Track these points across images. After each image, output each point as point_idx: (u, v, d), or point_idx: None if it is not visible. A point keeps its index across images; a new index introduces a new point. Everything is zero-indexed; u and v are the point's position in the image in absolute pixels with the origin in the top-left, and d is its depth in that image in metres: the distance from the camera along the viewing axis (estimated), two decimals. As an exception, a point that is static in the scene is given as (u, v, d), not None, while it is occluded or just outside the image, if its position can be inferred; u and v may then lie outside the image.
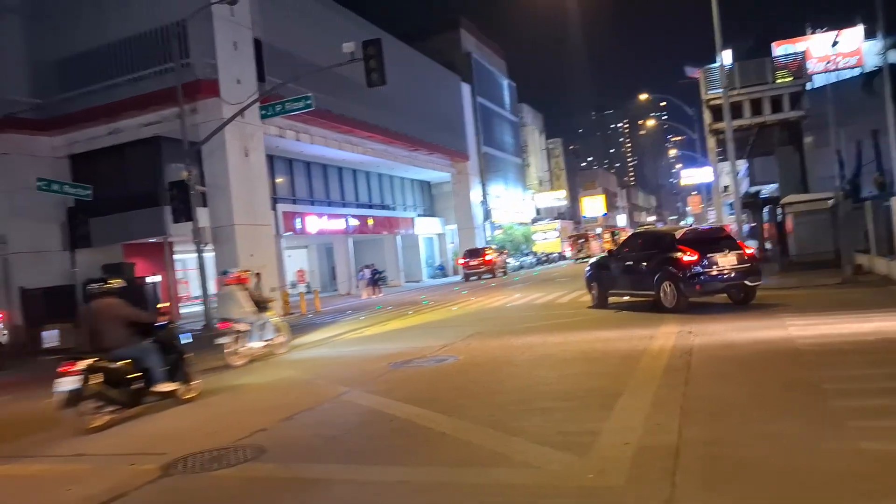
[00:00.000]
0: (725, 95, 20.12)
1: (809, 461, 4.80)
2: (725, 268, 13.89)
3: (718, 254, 13.95)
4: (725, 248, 14.15)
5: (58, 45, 25.03)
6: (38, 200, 22.93)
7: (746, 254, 14.41)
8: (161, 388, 9.13)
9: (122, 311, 9.14)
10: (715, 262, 13.88)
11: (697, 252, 13.88)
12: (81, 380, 8.18)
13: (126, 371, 8.80)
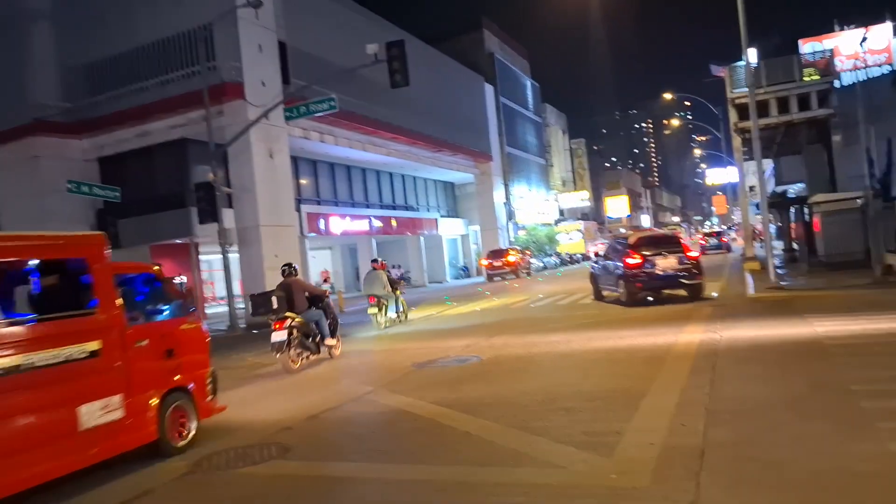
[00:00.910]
0: (751, 94, 19.86)
1: (837, 463, 4.75)
2: (665, 269, 16.21)
3: (659, 257, 16.28)
4: (667, 252, 16.42)
5: (87, 50, 25.46)
6: (68, 203, 23.34)
7: (688, 256, 16.61)
8: (328, 342, 12.72)
9: (305, 285, 13.29)
10: (655, 264, 16.22)
11: (641, 256, 16.35)
12: (288, 333, 11.62)
13: (310, 328, 12.31)
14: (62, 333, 5.80)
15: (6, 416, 5.23)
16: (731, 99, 27.59)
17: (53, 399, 5.60)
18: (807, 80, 26.67)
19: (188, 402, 7.10)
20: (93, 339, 6.03)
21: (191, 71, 23.50)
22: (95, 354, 6.03)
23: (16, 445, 5.23)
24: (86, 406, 5.82)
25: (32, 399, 5.45)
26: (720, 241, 47.43)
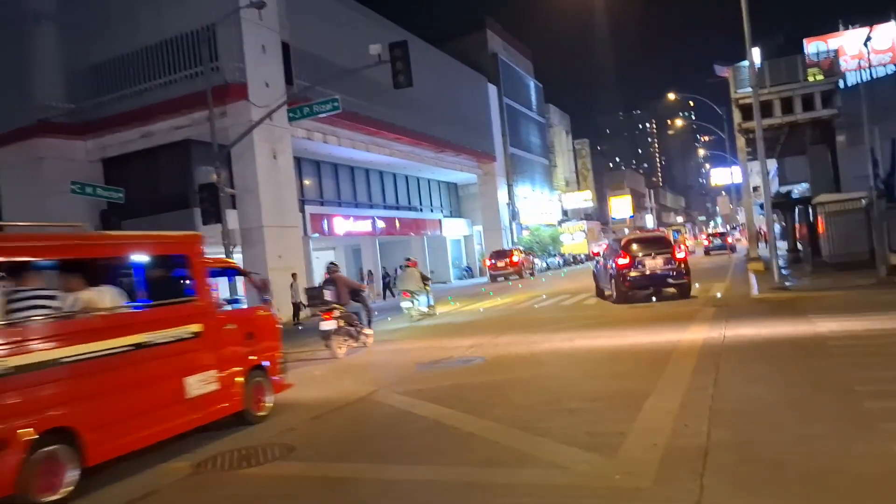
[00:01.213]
0: (755, 94, 19.83)
1: (840, 464, 4.74)
2: (653, 269, 17.16)
3: (648, 258, 17.20)
4: (656, 253, 17.32)
5: (91, 51, 25.54)
6: (72, 204, 23.37)
7: (675, 258, 17.47)
8: (365, 332, 14.32)
9: (348, 281, 15.04)
10: (643, 264, 17.19)
11: (630, 256, 17.30)
12: (335, 322, 13.20)
13: (352, 318, 13.91)
14: (173, 317, 7.10)
15: (138, 383, 6.44)
16: (734, 99, 27.58)
17: (168, 371, 6.84)
18: (811, 80, 26.65)
19: (265, 378, 8.31)
20: (195, 323, 7.27)
21: (194, 72, 23.56)
22: (197, 335, 7.26)
23: (145, 407, 6.49)
24: (190, 378, 7.04)
25: (154, 370, 6.67)
26: (724, 242, 47.36)
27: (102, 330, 6.23)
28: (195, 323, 7.25)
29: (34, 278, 6.07)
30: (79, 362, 5.87)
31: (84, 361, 5.92)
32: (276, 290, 20.97)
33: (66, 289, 6.32)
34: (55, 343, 5.72)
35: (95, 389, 6.01)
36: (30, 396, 5.42)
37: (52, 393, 5.61)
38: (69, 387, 5.76)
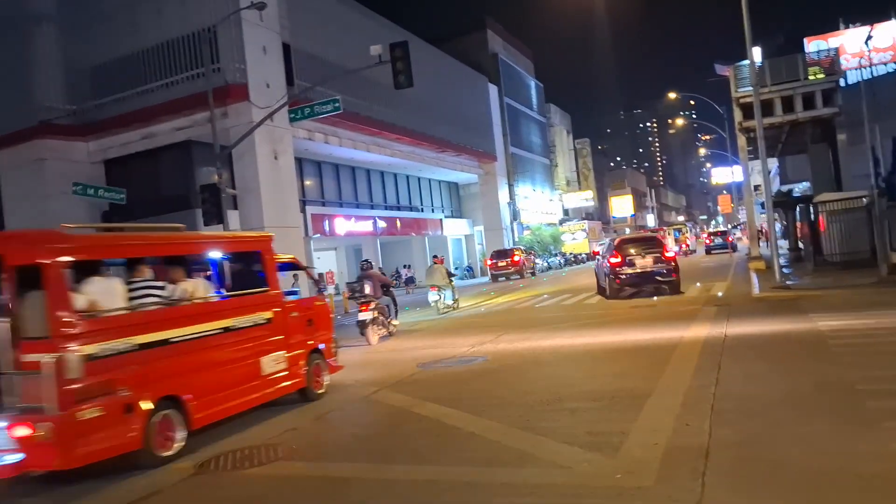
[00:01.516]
0: (756, 93, 19.83)
1: (842, 463, 4.75)
2: (643, 267, 18.35)
3: (638, 257, 18.42)
4: (646, 252, 18.53)
5: (92, 53, 25.54)
6: (74, 205, 23.41)
7: (665, 256, 18.70)
8: (393, 321, 15.99)
9: (380, 277, 16.97)
10: (633, 262, 18.41)
11: (621, 255, 18.54)
12: (371, 313, 14.87)
13: (384, 310, 15.58)
14: (250, 305, 8.26)
15: (226, 361, 7.59)
16: (735, 98, 27.58)
17: (248, 351, 7.98)
18: (811, 78, 26.64)
19: (322, 360, 9.45)
20: (267, 310, 8.43)
21: (195, 73, 23.56)
22: (269, 321, 8.41)
23: (232, 381, 7.61)
24: (264, 357, 8.19)
25: (237, 350, 7.83)
26: (725, 241, 47.32)
27: (199, 315, 7.41)
28: (267, 310, 8.45)
29: (145, 271, 7.30)
30: (181, 342, 7.04)
31: (185, 342, 7.09)
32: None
33: (170, 280, 7.47)
34: (164, 325, 6.88)
35: (194, 365, 7.15)
36: (148, 369, 6.53)
37: (163, 367, 6.71)
38: (175, 362, 6.89)
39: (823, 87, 26.59)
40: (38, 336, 5.85)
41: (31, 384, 5.70)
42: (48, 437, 5.60)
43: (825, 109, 26.59)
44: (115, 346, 6.25)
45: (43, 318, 5.87)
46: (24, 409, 5.75)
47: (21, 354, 5.83)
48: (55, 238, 6.28)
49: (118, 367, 6.21)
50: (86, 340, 5.96)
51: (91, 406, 5.87)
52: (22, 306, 5.99)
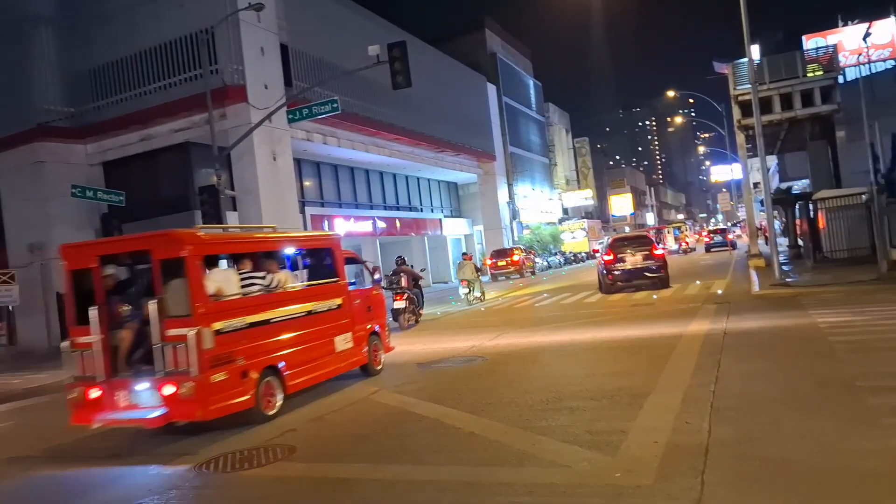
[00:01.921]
0: (754, 90, 19.81)
1: (842, 460, 4.74)
2: (633, 264, 20.12)
3: (629, 255, 20.21)
4: (636, 251, 20.28)
5: (90, 55, 25.51)
6: (73, 207, 23.40)
7: (654, 254, 20.35)
8: (420, 311, 18.88)
9: (412, 271, 19.82)
10: (624, 260, 20.22)
11: (613, 253, 20.39)
12: (404, 302, 17.80)
13: (415, 300, 18.46)
14: (326, 293, 9.92)
15: (309, 338, 9.18)
16: (734, 96, 27.55)
17: (325, 331, 9.59)
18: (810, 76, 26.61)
19: (379, 341, 11.16)
20: (338, 297, 10.13)
21: (193, 74, 23.52)
22: (339, 307, 10.08)
23: (314, 355, 9.24)
24: (337, 337, 9.85)
25: (318, 329, 9.43)
26: (725, 239, 47.33)
27: (289, 300, 9.02)
28: (338, 298, 10.13)
29: (248, 263, 8.75)
30: (277, 322, 8.60)
31: (280, 322, 8.65)
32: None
33: (268, 271, 8.91)
34: (265, 308, 8.46)
35: (287, 341, 8.71)
36: (255, 343, 8.10)
37: (265, 342, 8.29)
38: (273, 338, 8.48)
39: (822, 84, 26.57)
40: (180, 315, 7.39)
41: (176, 352, 7.30)
42: (189, 393, 7.17)
43: (824, 106, 26.57)
44: (234, 324, 7.87)
45: (184, 301, 7.41)
46: (168, 373, 7.30)
47: (166, 329, 7.37)
48: (193, 237, 7.86)
49: (236, 341, 7.80)
50: (215, 318, 7.56)
51: (220, 371, 7.46)
52: (166, 291, 7.51)
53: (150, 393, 7.41)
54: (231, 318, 7.85)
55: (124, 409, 7.56)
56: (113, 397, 7.61)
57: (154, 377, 7.39)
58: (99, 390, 7.61)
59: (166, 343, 7.36)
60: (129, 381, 7.62)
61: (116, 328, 7.88)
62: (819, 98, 26.54)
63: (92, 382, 7.64)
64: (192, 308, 7.37)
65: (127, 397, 7.58)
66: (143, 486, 6.00)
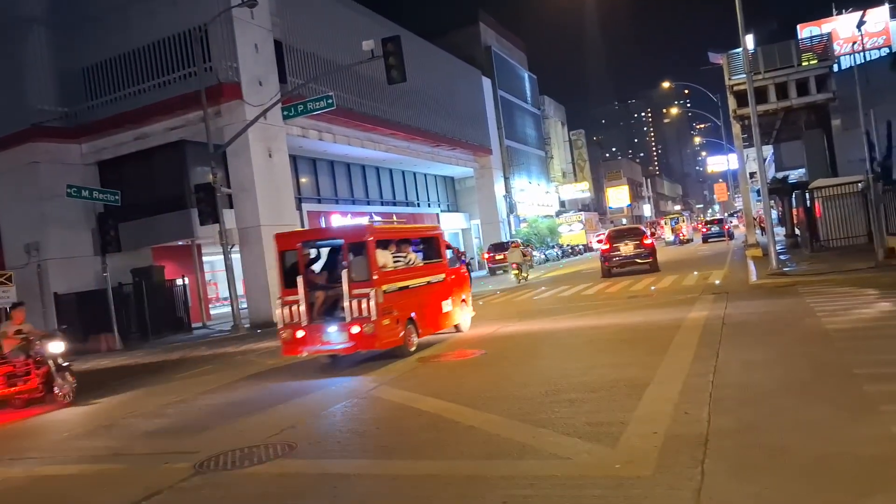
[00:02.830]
0: (749, 80, 19.78)
1: (841, 447, 4.75)
2: (626, 253, 23.78)
3: (622, 244, 24.01)
4: (629, 241, 24.03)
5: (83, 54, 25.43)
6: (69, 207, 23.37)
7: (644, 244, 23.92)
8: None
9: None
10: (619, 249, 23.95)
11: (610, 243, 24.60)
12: None
13: None
14: (435, 269, 13.42)
15: (428, 301, 12.69)
16: (729, 86, 27.53)
17: (436, 297, 13.14)
18: (805, 65, 26.60)
19: (466, 308, 14.63)
20: (442, 273, 13.65)
21: (187, 72, 23.46)
22: (443, 280, 13.56)
23: (431, 313, 12.74)
24: (443, 301, 13.35)
25: (432, 295, 12.97)
26: (721, 229, 47.38)
27: (418, 273, 12.59)
28: (442, 273, 13.69)
29: (393, 247, 12.11)
30: (412, 288, 12.12)
31: (413, 287, 12.17)
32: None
33: (405, 252, 12.40)
34: (405, 278, 12.01)
35: (417, 301, 12.20)
36: (402, 301, 11.58)
37: (406, 300, 11.78)
38: (411, 298, 11.96)
39: (817, 72, 26.56)
40: (362, 280, 10.93)
41: (360, 304, 10.74)
42: (370, 331, 10.68)
43: (819, 95, 26.58)
44: (392, 287, 11.37)
45: (366, 270, 10.99)
46: (354, 318, 10.76)
47: (353, 290, 10.83)
48: (371, 229, 11.68)
49: (393, 299, 11.23)
50: (382, 283, 11.02)
51: (386, 317, 10.94)
52: (352, 265, 11.12)
53: (339, 333, 10.99)
54: (390, 283, 11.34)
55: (321, 343, 11.20)
56: (313, 336, 11.20)
57: (343, 322, 10.93)
58: (303, 331, 11.20)
59: (353, 298, 10.81)
60: (322, 326, 11.24)
61: (313, 290, 11.51)
62: (814, 87, 26.55)
63: (298, 326, 11.23)
64: (371, 275, 10.93)
65: (322, 336, 11.17)
66: (144, 485, 5.98)
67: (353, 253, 11.29)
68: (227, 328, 23.28)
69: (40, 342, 11.35)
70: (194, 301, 27.06)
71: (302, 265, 11.74)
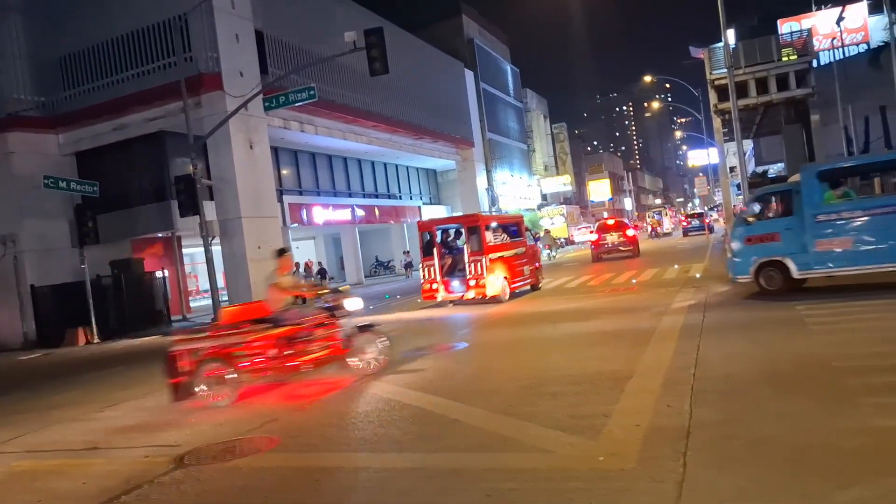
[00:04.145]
0: (730, 75, 19.93)
1: (821, 439, 4.80)
2: (611, 242, 29.87)
3: (609, 235, 30.10)
4: (614, 232, 30.17)
5: (60, 43, 25.02)
6: (46, 198, 23.01)
7: (626, 235, 29.93)
8: None
9: None
10: (605, 239, 30.12)
11: (599, 234, 30.88)
12: None
13: None
14: (520, 244, 19.41)
15: (516, 265, 18.53)
16: (710, 80, 27.74)
17: (520, 263, 18.88)
18: (785, 60, 26.83)
19: (540, 273, 20.29)
20: (523, 247, 19.56)
21: (167, 62, 23.15)
22: (524, 252, 19.38)
23: (518, 274, 18.59)
24: (524, 267, 19.07)
25: (517, 262, 18.71)
26: (702, 223, 47.75)
27: (509, 247, 18.41)
28: (523, 247, 19.26)
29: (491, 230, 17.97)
30: (505, 257, 17.81)
31: (506, 257, 17.82)
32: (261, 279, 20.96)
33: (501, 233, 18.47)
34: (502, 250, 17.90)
35: (509, 265, 17.86)
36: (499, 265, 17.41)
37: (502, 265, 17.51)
38: (504, 264, 17.66)
39: (797, 67, 26.83)
40: (476, 250, 16.91)
41: (476, 266, 16.85)
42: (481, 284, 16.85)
43: (798, 90, 26.84)
44: (494, 256, 17.06)
45: (479, 244, 16.96)
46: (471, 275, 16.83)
47: (471, 257, 16.87)
48: (482, 217, 18.81)
49: (495, 263, 17.00)
50: (489, 252, 16.96)
51: (491, 275, 16.72)
52: (470, 241, 17.16)
53: (460, 285, 17.22)
54: (493, 252, 17.15)
55: (449, 293, 17.44)
56: (443, 287, 17.53)
57: (463, 278, 17.07)
58: (437, 284, 17.57)
59: (470, 263, 16.96)
60: (449, 281, 17.47)
61: (443, 256, 17.75)
62: (794, 82, 26.81)
63: (433, 280, 17.63)
64: (483, 248, 16.91)
65: (448, 287, 17.47)
66: (125, 479, 5.92)
67: (469, 233, 17.39)
68: (207, 321, 23.09)
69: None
70: (174, 293, 26.81)
71: (435, 242, 18.04)
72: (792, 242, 11.95)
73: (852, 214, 11.46)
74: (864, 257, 11.31)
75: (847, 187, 12.78)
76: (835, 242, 11.50)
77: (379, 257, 44.80)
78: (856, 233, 11.36)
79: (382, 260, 44.81)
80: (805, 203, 11.76)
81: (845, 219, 11.46)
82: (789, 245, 12.00)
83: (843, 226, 11.45)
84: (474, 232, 17.09)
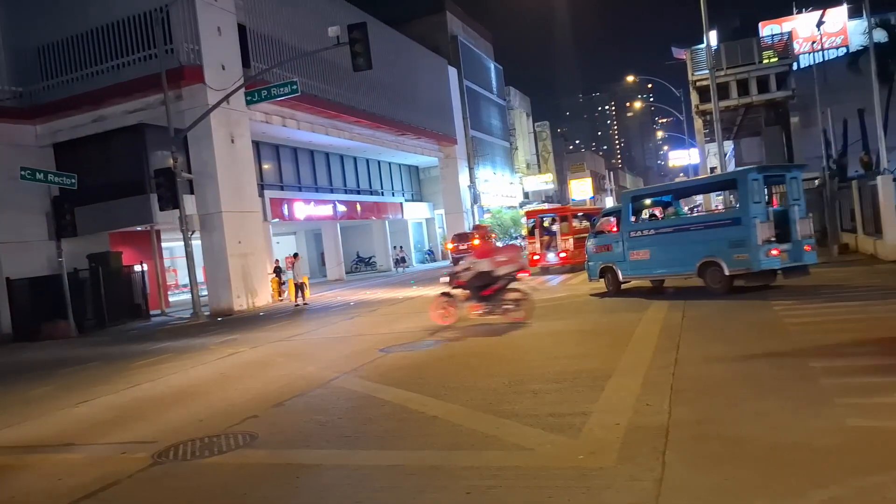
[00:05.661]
0: (712, 76, 20.11)
1: (797, 438, 4.85)
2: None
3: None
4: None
5: (38, 32, 24.69)
6: (23, 190, 22.67)
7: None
8: None
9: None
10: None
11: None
12: None
13: None
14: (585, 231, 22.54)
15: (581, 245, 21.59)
16: (692, 81, 27.94)
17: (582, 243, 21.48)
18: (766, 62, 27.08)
19: None
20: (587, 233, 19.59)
21: (147, 54, 22.92)
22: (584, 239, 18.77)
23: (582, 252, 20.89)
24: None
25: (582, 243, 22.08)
26: None
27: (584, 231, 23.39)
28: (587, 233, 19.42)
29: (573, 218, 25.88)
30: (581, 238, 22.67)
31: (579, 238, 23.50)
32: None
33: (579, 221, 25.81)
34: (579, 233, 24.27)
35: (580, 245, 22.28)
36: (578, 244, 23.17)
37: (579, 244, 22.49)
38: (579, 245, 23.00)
39: (777, 70, 27.11)
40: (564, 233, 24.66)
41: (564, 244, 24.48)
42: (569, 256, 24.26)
43: (779, 92, 27.12)
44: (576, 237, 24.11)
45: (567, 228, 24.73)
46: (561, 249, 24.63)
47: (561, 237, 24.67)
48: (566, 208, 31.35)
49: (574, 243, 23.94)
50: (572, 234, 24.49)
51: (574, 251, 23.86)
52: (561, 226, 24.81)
53: (554, 257, 24.55)
54: (574, 235, 23.87)
55: (545, 261, 24.83)
56: (542, 258, 24.95)
57: (556, 252, 24.71)
58: (538, 256, 25.01)
59: (562, 241, 24.29)
60: (546, 254, 24.84)
61: (543, 236, 25.04)
62: (774, 84, 27.09)
63: (537, 252, 25.07)
64: (569, 230, 24.29)
65: (546, 258, 24.85)
66: (101, 475, 5.86)
67: (561, 220, 24.38)
68: (186, 316, 22.93)
69: None
70: (153, 288, 26.57)
71: (539, 227, 25.14)
72: (618, 253, 15.00)
73: (647, 233, 14.62)
74: (657, 266, 14.32)
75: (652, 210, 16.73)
76: (640, 254, 14.49)
77: (360, 253, 44.65)
78: (651, 247, 14.28)
79: (364, 256, 44.67)
80: (623, 222, 14.99)
81: (644, 236, 14.56)
82: (617, 255, 15.06)
83: (643, 242, 14.46)
84: (564, 220, 24.82)
